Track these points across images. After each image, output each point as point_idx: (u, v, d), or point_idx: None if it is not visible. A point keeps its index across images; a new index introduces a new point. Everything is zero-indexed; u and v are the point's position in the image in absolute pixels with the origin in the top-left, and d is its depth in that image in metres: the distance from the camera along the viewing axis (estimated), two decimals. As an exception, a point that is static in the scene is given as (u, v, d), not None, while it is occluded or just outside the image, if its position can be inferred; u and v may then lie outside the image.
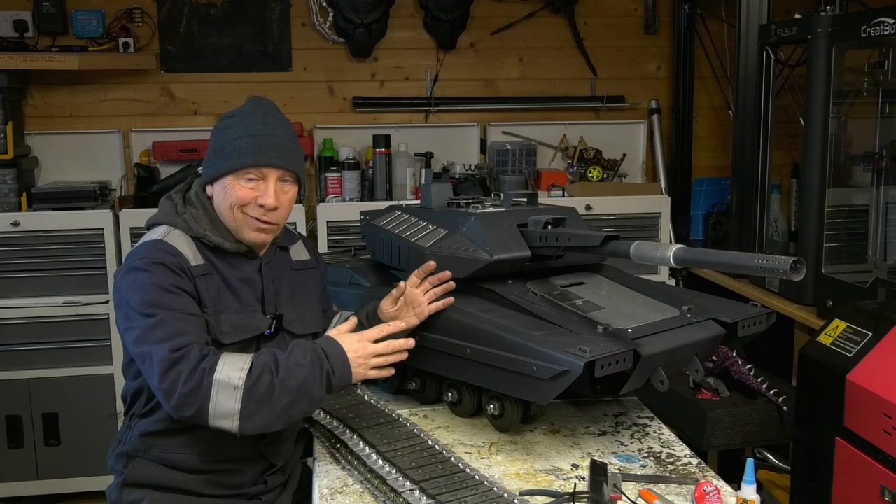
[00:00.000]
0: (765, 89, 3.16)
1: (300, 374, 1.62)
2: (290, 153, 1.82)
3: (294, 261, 1.97)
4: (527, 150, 3.80)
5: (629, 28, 4.01)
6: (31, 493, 3.40)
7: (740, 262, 1.60)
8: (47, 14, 3.54)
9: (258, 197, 1.78)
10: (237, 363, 1.62)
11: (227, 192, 1.79)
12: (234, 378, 1.59)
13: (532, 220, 1.97)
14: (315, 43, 3.83)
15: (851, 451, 2.04)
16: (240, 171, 1.77)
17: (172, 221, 1.81)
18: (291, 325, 1.89)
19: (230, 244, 1.81)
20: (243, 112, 1.85)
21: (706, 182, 3.97)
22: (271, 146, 1.79)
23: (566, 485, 1.67)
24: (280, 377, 1.61)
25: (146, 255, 1.71)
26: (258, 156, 1.77)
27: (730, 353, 2.50)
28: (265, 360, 1.63)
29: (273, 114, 1.86)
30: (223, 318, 1.76)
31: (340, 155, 3.68)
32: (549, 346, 1.66)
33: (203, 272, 1.76)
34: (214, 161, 1.81)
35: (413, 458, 1.67)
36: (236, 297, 1.80)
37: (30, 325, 3.29)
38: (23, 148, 3.52)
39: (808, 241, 2.86)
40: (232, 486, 1.83)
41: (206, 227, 1.80)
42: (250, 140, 1.78)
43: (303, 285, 1.96)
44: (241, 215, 1.79)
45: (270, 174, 1.78)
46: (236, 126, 1.82)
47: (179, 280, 1.70)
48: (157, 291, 1.67)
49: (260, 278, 1.85)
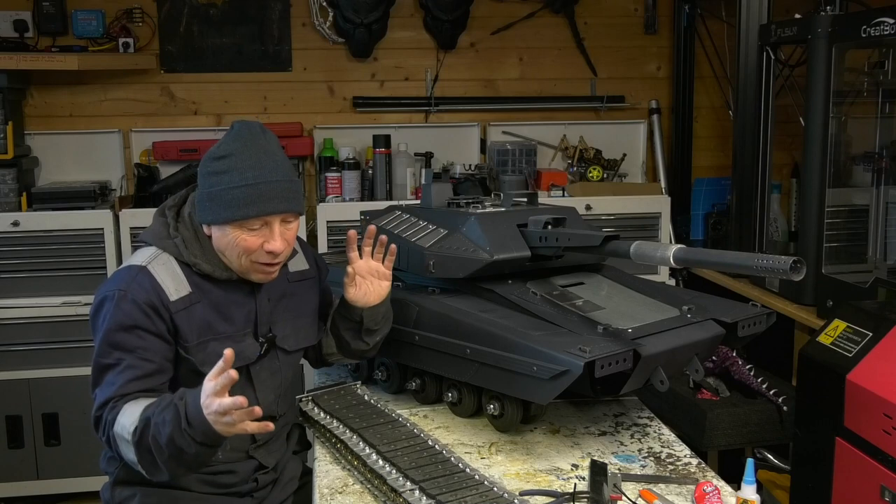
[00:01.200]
0: (765, 89, 3.16)
1: (164, 431, 1.53)
2: (290, 196, 1.75)
3: (291, 272, 1.94)
4: (527, 150, 3.80)
5: (629, 28, 4.01)
6: (31, 493, 3.40)
7: (740, 262, 1.60)
8: (47, 14, 3.54)
9: (264, 243, 1.73)
10: (131, 416, 1.60)
11: (229, 240, 1.73)
12: (125, 432, 1.59)
13: (532, 220, 1.97)
14: (315, 43, 3.83)
15: (851, 451, 2.04)
16: (241, 222, 1.71)
17: (163, 244, 1.77)
18: (285, 342, 1.88)
19: (221, 272, 1.77)
20: (234, 153, 1.72)
21: (706, 182, 3.97)
22: (271, 194, 1.71)
23: (566, 485, 1.67)
24: (152, 432, 1.55)
25: (123, 287, 1.70)
26: (259, 206, 1.70)
27: (730, 353, 2.50)
28: (148, 415, 1.57)
29: (266, 150, 1.74)
30: (211, 346, 1.74)
31: (340, 155, 3.68)
32: (549, 346, 1.66)
33: (186, 304, 1.73)
34: (211, 207, 1.73)
35: (413, 458, 1.67)
36: (228, 321, 1.78)
37: (30, 325, 3.29)
38: (23, 148, 3.52)
39: (808, 241, 2.86)
40: (223, 486, 1.83)
41: (196, 253, 1.76)
42: (248, 190, 1.69)
43: (299, 298, 1.94)
44: (248, 262, 1.75)
45: (274, 220, 1.73)
46: (230, 171, 1.70)
47: (145, 321, 1.68)
48: (117, 332, 1.67)
49: (254, 299, 1.83)
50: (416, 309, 1.99)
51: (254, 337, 1.82)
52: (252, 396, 1.82)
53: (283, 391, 1.92)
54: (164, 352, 1.71)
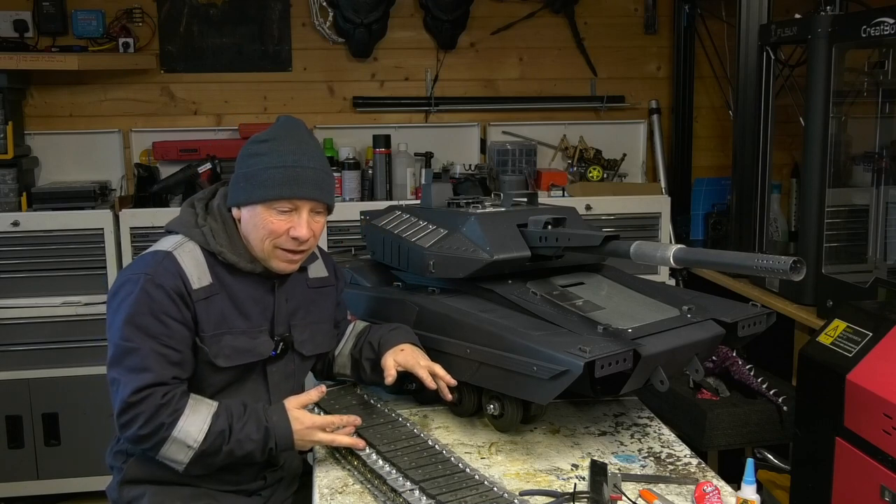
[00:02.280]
0: (765, 89, 3.16)
1: (248, 447, 1.69)
2: (323, 185, 1.79)
3: (311, 278, 1.95)
4: (527, 150, 3.80)
5: (629, 28, 4.01)
6: (31, 493, 3.40)
7: (740, 262, 1.60)
8: (47, 14, 3.54)
9: (291, 228, 1.76)
10: (197, 422, 1.67)
11: (257, 220, 1.76)
12: (190, 439, 1.67)
13: (532, 220, 1.97)
14: (315, 43, 3.83)
15: (851, 451, 2.04)
16: (272, 202, 1.74)
17: (189, 233, 1.79)
18: (303, 347, 1.90)
19: (245, 263, 1.79)
20: (276, 138, 1.79)
21: (706, 182, 3.97)
22: (306, 179, 1.75)
23: (566, 485, 1.67)
24: (230, 447, 1.68)
25: (149, 272, 1.71)
26: (293, 188, 1.74)
27: (730, 353, 2.50)
28: (221, 427, 1.68)
29: (307, 141, 1.81)
30: (226, 340, 1.76)
31: (340, 155, 3.68)
32: (549, 346, 1.66)
33: (207, 294, 1.75)
34: (245, 187, 1.77)
35: (413, 458, 1.67)
36: (244, 317, 1.80)
37: (30, 325, 3.29)
38: (23, 148, 3.52)
39: (808, 241, 2.86)
40: (231, 482, 1.83)
41: (223, 243, 1.79)
42: (285, 171, 1.74)
43: (317, 304, 1.95)
44: (271, 247, 1.77)
45: (304, 206, 1.77)
46: (269, 153, 1.76)
47: (171, 307, 1.70)
48: (143, 315, 1.68)
49: (273, 298, 1.84)
50: (416, 309, 1.99)
51: (269, 335, 1.83)
52: (265, 398, 1.84)
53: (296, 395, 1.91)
54: (186, 340, 1.73)
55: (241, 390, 1.82)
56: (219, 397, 1.78)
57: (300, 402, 1.75)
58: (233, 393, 1.80)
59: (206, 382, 1.78)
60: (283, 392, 1.86)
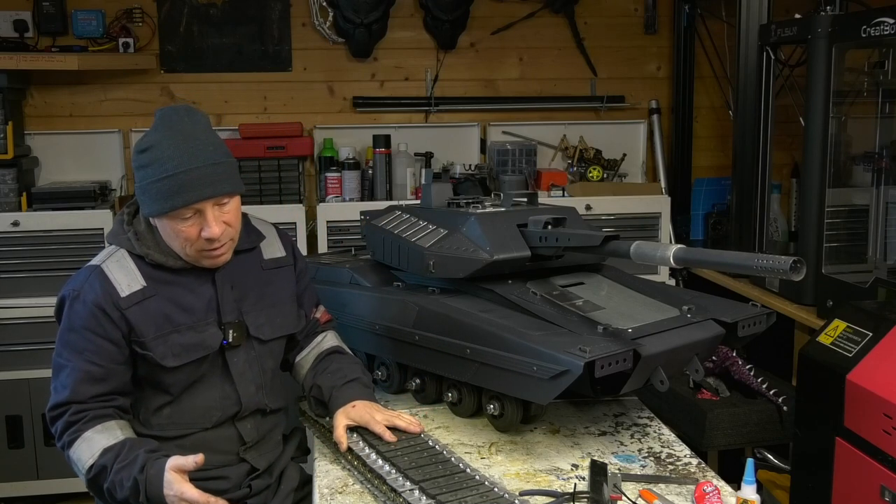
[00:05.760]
0: (765, 89, 3.16)
1: (124, 491, 1.66)
2: (216, 179, 1.70)
3: (265, 259, 1.92)
4: (527, 150, 3.80)
5: (629, 28, 4.01)
6: (31, 493, 3.40)
7: (740, 262, 1.60)
8: (47, 14, 3.54)
9: (201, 231, 1.72)
10: (88, 451, 1.69)
11: (168, 231, 1.74)
12: (80, 464, 1.70)
13: (532, 220, 1.97)
14: (315, 43, 3.83)
15: (851, 451, 2.04)
16: (171, 213, 1.70)
17: (118, 241, 1.80)
18: (260, 332, 1.86)
19: (174, 262, 1.77)
20: (155, 144, 1.70)
21: (706, 182, 3.97)
22: (193, 182, 1.67)
23: (566, 485, 1.67)
24: (109, 485, 1.68)
25: (77, 288, 1.75)
26: (183, 196, 1.67)
27: (730, 353, 2.50)
28: (104, 463, 1.68)
29: (189, 135, 1.70)
30: (172, 339, 1.75)
31: (340, 155, 3.68)
32: (549, 346, 1.66)
33: (140, 298, 1.74)
34: (144, 201, 1.74)
35: (413, 458, 1.67)
36: (187, 312, 1.78)
37: (30, 325, 3.29)
38: (23, 148, 3.52)
39: (808, 241, 2.86)
40: (215, 493, 1.80)
41: (149, 244, 1.77)
42: (170, 182, 1.67)
43: (273, 285, 1.91)
44: (193, 252, 1.75)
45: (205, 206, 1.70)
46: (152, 164, 1.69)
47: (93, 323, 1.71)
48: (70, 332, 1.74)
49: (213, 288, 1.81)
50: (416, 309, 1.99)
51: (217, 326, 1.81)
52: (231, 389, 1.82)
53: (266, 382, 1.89)
54: (113, 355, 1.73)
55: (206, 383, 1.80)
56: (185, 395, 1.79)
57: (178, 466, 1.63)
58: (200, 388, 1.80)
59: (165, 383, 1.77)
60: (248, 380, 1.84)
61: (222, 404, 1.82)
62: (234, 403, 1.83)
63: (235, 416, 1.84)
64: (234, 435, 1.85)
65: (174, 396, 1.79)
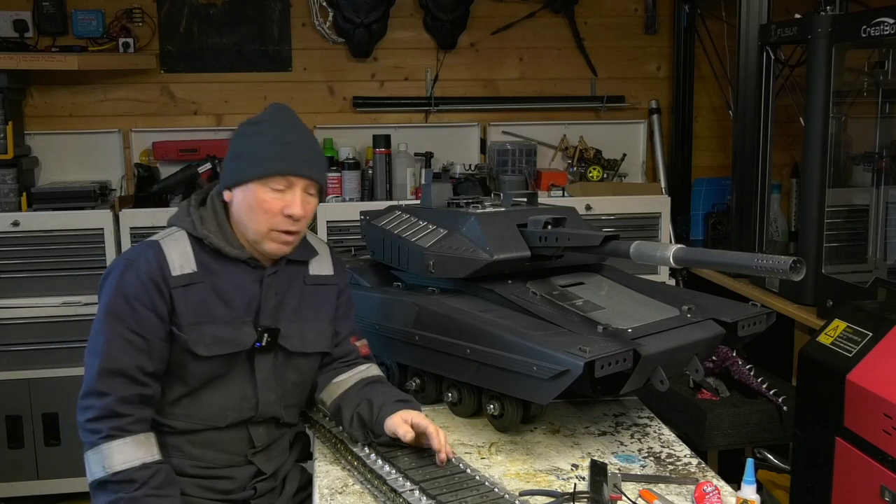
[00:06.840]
0: (765, 89, 3.16)
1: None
2: (316, 164, 1.82)
3: (310, 275, 1.92)
4: (527, 150, 3.80)
5: (629, 28, 4.01)
6: (31, 493, 3.40)
7: (740, 262, 1.60)
8: (47, 14, 3.54)
9: (284, 207, 1.74)
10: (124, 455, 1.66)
11: (251, 200, 1.75)
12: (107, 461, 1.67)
13: (532, 220, 1.97)
14: (315, 43, 3.83)
15: (851, 451, 2.04)
16: (266, 179, 1.74)
17: (181, 222, 1.81)
18: (288, 342, 1.84)
19: (231, 249, 1.79)
20: (269, 120, 1.82)
21: (706, 182, 3.97)
22: (300, 156, 1.77)
23: (566, 485, 1.67)
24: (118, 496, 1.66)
25: (129, 257, 1.76)
26: (287, 164, 1.75)
27: (730, 353, 2.50)
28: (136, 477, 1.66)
29: (299, 125, 1.84)
30: (207, 329, 1.74)
31: (340, 155, 3.68)
32: (549, 346, 1.66)
33: (187, 282, 1.74)
34: (238, 166, 1.78)
35: (413, 458, 1.67)
36: (227, 306, 1.77)
37: (30, 325, 3.29)
38: (23, 148, 3.52)
39: (808, 241, 2.86)
40: (220, 492, 1.82)
41: (211, 228, 1.79)
42: (279, 148, 1.75)
43: (313, 301, 1.90)
44: (265, 229, 1.76)
45: (297, 183, 1.76)
46: (263, 133, 1.78)
47: (142, 293, 1.71)
48: (117, 299, 1.72)
49: (259, 289, 1.81)
50: (416, 309, 1.99)
51: (253, 326, 1.80)
52: (252, 393, 1.82)
53: (285, 395, 1.87)
54: (155, 328, 1.72)
55: (228, 381, 1.79)
56: (206, 389, 1.77)
57: None
58: (219, 384, 1.78)
59: (190, 373, 1.75)
60: (269, 388, 1.83)
61: (240, 406, 1.81)
62: (251, 407, 1.82)
63: (249, 420, 1.83)
64: (244, 437, 1.84)
65: (194, 388, 1.77)
